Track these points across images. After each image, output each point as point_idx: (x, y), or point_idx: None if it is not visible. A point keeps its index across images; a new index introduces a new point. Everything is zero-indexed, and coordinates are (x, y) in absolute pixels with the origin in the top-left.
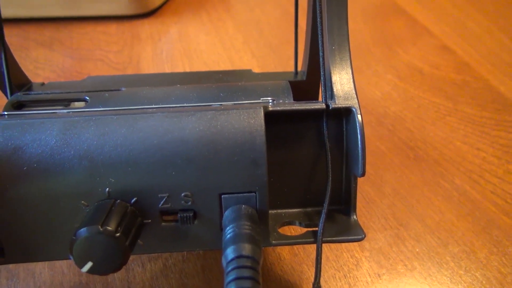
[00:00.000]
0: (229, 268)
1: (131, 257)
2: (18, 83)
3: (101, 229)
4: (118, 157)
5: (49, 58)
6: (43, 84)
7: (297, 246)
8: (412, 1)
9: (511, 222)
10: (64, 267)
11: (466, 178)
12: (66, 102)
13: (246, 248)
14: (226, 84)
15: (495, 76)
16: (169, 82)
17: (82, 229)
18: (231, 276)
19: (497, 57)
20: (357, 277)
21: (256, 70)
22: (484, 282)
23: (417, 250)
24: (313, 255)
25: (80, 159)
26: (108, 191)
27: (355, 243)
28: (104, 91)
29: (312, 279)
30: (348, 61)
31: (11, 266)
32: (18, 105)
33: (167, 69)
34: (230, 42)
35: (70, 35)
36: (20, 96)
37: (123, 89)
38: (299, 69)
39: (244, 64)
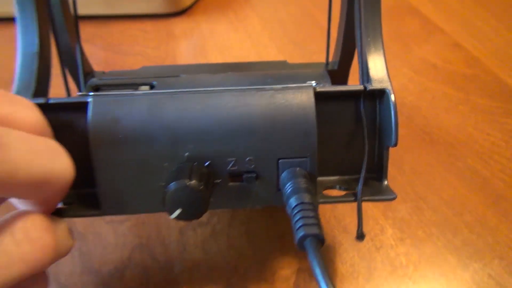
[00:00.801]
0: (294, 212)
1: (184, 223)
2: (85, 71)
3: (188, 182)
4: (195, 128)
5: (93, 52)
6: (103, 72)
7: (329, 214)
8: (425, 1)
9: None
10: (126, 230)
11: (478, 159)
12: (135, 86)
13: (307, 197)
14: (272, 72)
15: (502, 70)
16: (216, 71)
17: (172, 183)
18: (297, 217)
19: (505, 53)
20: (382, 241)
21: None
22: (494, 245)
23: (434, 219)
24: (344, 223)
25: (165, 130)
26: (187, 155)
27: (380, 211)
28: (167, 77)
29: (343, 242)
30: (381, 50)
31: (81, 229)
32: (95, 88)
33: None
34: (257, 38)
35: (111, 32)
36: (96, 81)
37: (182, 75)
38: (329, 60)
39: (271, 58)
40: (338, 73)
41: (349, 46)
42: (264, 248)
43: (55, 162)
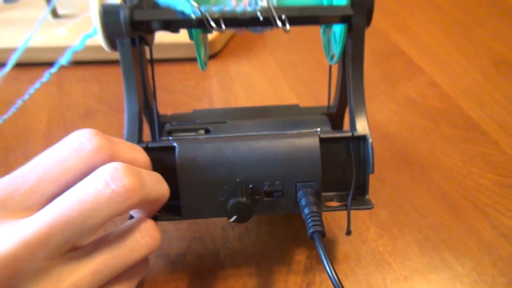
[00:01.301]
0: (307, 217)
1: (226, 222)
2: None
3: (240, 199)
4: (243, 163)
5: None
6: (166, 115)
7: (330, 218)
8: (410, 44)
9: (468, 203)
10: (184, 227)
11: (441, 176)
12: (196, 130)
13: (315, 208)
14: (289, 118)
15: (467, 104)
16: (248, 115)
17: (231, 200)
18: (309, 220)
19: (471, 90)
20: (367, 236)
21: (293, 99)
22: (447, 239)
23: (405, 221)
24: (340, 223)
25: (224, 164)
26: (238, 181)
27: (366, 215)
28: (218, 123)
29: (339, 237)
30: (364, 108)
31: None
32: (169, 132)
33: (232, 99)
34: (274, 78)
35: (158, 73)
36: (169, 126)
37: (228, 121)
38: (330, 104)
39: (285, 94)
40: (337, 115)
41: (344, 98)
42: (283, 241)
43: (161, 186)
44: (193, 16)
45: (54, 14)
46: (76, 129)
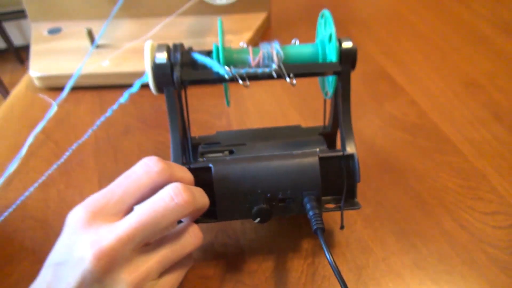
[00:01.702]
0: (312, 218)
1: (251, 223)
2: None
3: (262, 206)
4: (262, 178)
5: None
6: (196, 137)
7: (328, 216)
8: (394, 67)
9: (435, 201)
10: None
11: (415, 180)
12: (223, 151)
13: (317, 210)
14: (294, 139)
15: (440, 120)
16: (260, 135)
17: (255, 206)
18: (313, 219)
19: (445, 108)
20: (355, 228)
21: (296, 116)
22: (417, 229)
23: (385, 215)
24: (334, 217)
25: (249, 179)
26: (259, 192)
27: (354, 212)
28: (238, 145)
29: (334, 230)
30: (352, 132)
31: None
32: (202, 153)
33: (246, 118)
34: (280, 100)
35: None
36: (201, 149)
37: (246, 143)
38: (326, 124)
39: (290, 113)
40: (331, 133)
41: (336, 120)
42: (290, 233)
43: (205, 199)
44: (226, 77)
45: (93, 43)
46: (118, 144)
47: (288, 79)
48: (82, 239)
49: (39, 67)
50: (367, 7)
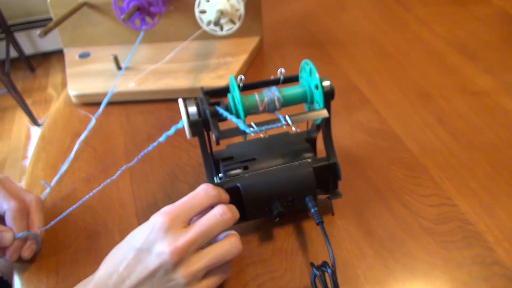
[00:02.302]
0: (314, 214)
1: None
2: None
3: (280, 209)
4: (275, 186)
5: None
6: (211, 152)
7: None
8: (363, 82)
9: (387, 189)
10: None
11: (373, 172)
12: (241, 167)
13: (316, 209)
14: (288, 149)
15: (397, 126)
16: (262, 143)
17: (274, 210)
18: (315, 215)
19: (400, 115)
20: (343, 215)
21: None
22: (373, 210)
23: (351, 200)
24: (333, 218)
25: (267, 187)
26: (275, 197)
27: (341, 203)
28: (250, 160)
29: (327, 217)
30: (333, 147)
31: None
32: (225, 171)
33: None
34: None
35: None
36: (222, 166)
37: (256, 158)
38: (308, 128)
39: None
40: (314, 138)
41: (318, 128)
42: (289, 222)
43: (237, 213)
44: (253, 134)
45: (118, 67)
46: (142, 148)
47: (294, 129)
48: (163, 238)
49: (75, 87)
50: (344, 30)
